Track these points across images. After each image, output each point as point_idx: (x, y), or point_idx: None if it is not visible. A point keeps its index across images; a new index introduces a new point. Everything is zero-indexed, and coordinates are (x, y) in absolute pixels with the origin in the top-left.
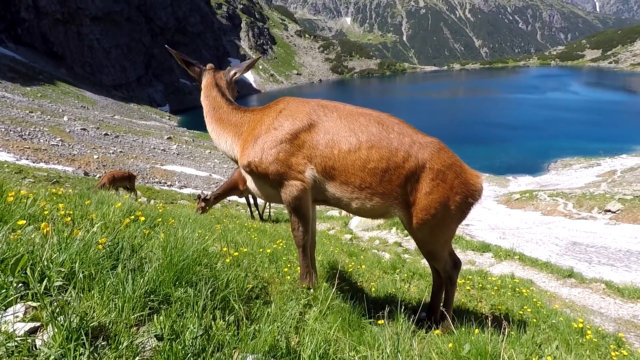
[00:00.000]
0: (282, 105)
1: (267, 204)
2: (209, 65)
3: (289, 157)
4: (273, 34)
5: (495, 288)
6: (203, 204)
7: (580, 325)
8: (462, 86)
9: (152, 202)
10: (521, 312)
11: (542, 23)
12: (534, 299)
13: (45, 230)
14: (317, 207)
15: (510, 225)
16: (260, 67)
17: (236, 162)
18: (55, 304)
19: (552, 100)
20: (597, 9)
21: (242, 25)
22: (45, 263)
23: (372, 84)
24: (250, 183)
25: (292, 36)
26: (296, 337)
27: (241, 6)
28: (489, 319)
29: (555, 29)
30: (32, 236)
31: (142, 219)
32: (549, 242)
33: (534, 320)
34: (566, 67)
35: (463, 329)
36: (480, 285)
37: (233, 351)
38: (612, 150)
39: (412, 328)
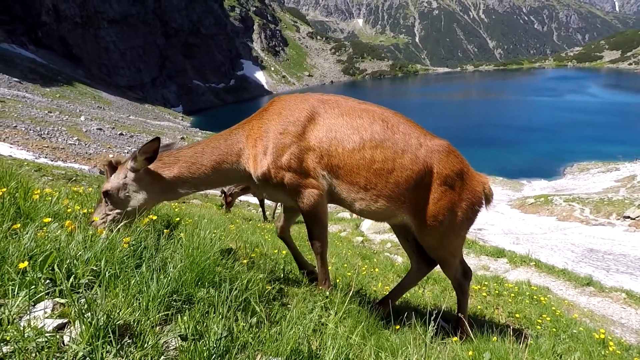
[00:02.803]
0: (280, 105)
1: (278, 204)
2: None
3: (301, 164)
4: (285, 35)
5: (512, 295)
6: (229, 199)
7: (602, 336)
8: (475, 88)
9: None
10: (540, 321)
11: (558, 23)
12: (553, 308)
13: (70, 228)
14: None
15: (524, 230)
16: (272, 68)
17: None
18: (82, 301)
19: (568, 103)
20: (617, 9)
21: (254, 27)
22: (71, 261)
23: (383, 85)
24: (264, 190)
25: (304, 38)
26: (316, 341)
27: (254, 8)
28: (510, 327)
29: (572, 30)
30: (57, 233)
31: (154, 217)
32: (564, 248)
33: (554, 329)
34: (583, 68)
35: (482, 337)
36: (497, 291)
37: (255, 353)
38: (631, 154)
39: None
